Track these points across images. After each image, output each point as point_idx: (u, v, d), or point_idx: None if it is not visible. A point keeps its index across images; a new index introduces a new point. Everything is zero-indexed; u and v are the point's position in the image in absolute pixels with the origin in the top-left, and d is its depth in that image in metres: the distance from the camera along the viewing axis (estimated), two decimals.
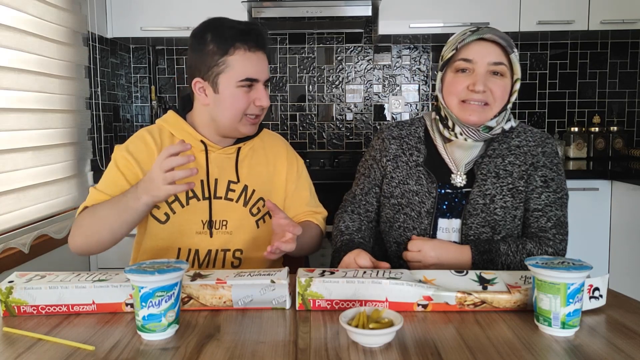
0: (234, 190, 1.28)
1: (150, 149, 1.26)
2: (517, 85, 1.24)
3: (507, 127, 1.28)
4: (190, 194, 1.25)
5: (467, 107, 1.23)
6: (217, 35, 1.20)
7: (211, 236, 1.26)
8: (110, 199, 1.19)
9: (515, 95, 1.25)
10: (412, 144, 1.34)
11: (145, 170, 1.23)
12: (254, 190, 1.30)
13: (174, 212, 1.25)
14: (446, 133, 1.29)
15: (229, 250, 1.27)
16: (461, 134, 1.26)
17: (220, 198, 1.27)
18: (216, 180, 1.27)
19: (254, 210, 1.30)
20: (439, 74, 1.29)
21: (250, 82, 1.21)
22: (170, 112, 1.31)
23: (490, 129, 1.25)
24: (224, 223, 1.27)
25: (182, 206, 1.25)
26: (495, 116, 1.24)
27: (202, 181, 1.26)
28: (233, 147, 1.30)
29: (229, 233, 1.27)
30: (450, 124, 1.27)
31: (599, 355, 0.78)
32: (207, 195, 1.26)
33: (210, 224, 1.26)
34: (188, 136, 1.27)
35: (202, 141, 1.27)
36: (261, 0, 2.39)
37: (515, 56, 1.22)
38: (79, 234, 1.20)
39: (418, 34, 2.59)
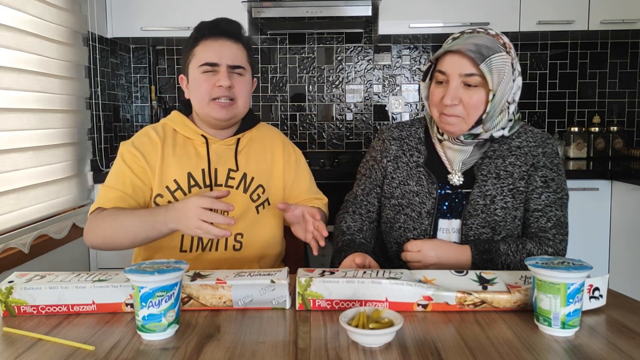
0: (233, 178, 1.34)
1: (154, 142, 1.32)
2: (490, 96, 1.18)
3: (497, 135, 1.24)
4: (192, 183, 1.31)
5: (445, 119, 1.23)
6: (192, 33, 1.31)
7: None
8: (136, 212, 1.21)
9: (489, 106, 1.18)
10: (412, 145, 1.34)
11: (151, 162, 1.30)
12: (252, 178, 1.35)
13: (177, 201, 1.26)
14: (438, 135, 1.30)
15: (230, 234, 1.30)
16: (448, 139, 1.27)
17: (221, 185, 1.33)
18: (216, 169, 1.33)
19: (254, 197, 1.35)
20: (426, 82, 1.29)
21: (210, 67, 1.26)
22: (174, 112, 1.40)
23: (476, 135, 1.24)
24: None
25: (185, 194, 1.30)
26: (478, 123, 1.21)
27: (202, 170, 1.32)
28: (232, 139, 1.36)
29: (230, 218, 1.28)
30: (437, 128, 1.29)
31: (599, 355, 0.78)
32: (208, 183, 1.32)
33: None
34: (190, 131, 1.34)
35: (203, 135, 1.33)
36: (261, 0, 2.39)
37: (485, 66, 1.15)
38: (99, 235, 1.23)
39: (418, 34, 2.59)
